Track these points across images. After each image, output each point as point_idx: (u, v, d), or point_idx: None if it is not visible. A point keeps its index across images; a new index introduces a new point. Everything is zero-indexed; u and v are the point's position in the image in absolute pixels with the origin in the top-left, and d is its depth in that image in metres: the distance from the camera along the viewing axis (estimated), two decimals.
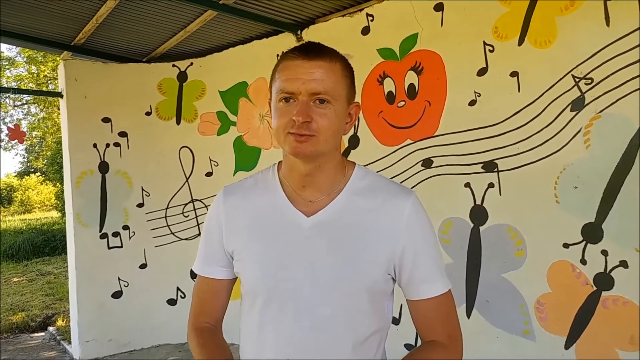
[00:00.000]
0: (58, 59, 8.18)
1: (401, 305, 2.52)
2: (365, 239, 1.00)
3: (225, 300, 1.15)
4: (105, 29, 3.50)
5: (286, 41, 3.48)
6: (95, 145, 3.96)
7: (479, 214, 2.61)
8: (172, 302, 4.10)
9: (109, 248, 4.00)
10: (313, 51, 0.97)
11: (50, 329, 5.06)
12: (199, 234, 4.01)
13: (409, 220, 1.01)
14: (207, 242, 1.13)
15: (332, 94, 0.96)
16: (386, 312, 1.07)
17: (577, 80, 2.23)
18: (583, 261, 2.24)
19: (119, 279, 4.02)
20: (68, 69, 3.89)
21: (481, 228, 2.61)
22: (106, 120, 4.01)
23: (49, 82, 12.75)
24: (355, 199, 1.03)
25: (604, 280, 2.18)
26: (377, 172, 3.09)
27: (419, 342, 1.07)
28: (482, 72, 2.56)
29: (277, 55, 3.57)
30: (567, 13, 2.24)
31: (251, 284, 1.05)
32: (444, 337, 1.03)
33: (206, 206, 4.05)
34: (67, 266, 4.12)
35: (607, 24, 2.12)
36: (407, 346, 2.79)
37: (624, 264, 2.12)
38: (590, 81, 2.19)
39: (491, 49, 2.51)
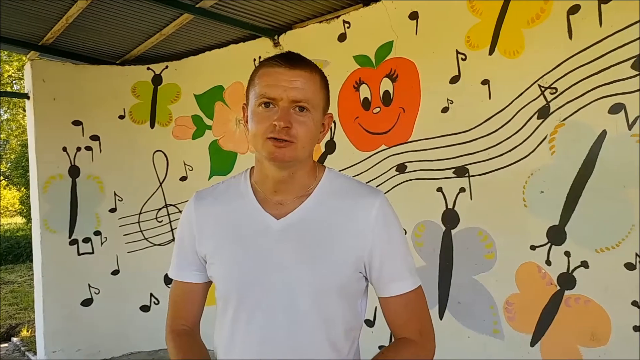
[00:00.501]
0: (24, 58, 7.95)
1: (375, 308, 2.56)
2: (335, 239, 1.03)
3: (201, 303, 1.17)
4: (75, 30, 3.43)
5: (263, 46, 3.51)
6: (65, 149, 3.87)
7: (450, 218, 2.69)
8: (145, 308, 4.03)
9: (79, 254, 3.91)
10: (295, 60, 1.00)
11: (14, 339, 4.88)
12: (173, 240, 3.98)
13: (377, 220, 1.04)
14: (180, 247, 1.15)
15: (312, 102, 0.99)
16: (359, 311, 1.10)
17: (542, 89, 2.33)
18: (548, 262, 2.34)
19: (89, 286, 3.92)
20: (35, 69, 3.79)
21: (453, 231, 2.69)
22: (77, 123, 3.92)
23: (13, 82, 12.35)
24: (324, 200, 1.06)
25: (566, 280, 2.28)
26: (353, 176, 3.15)
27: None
28: (454, 79, 2.64)
29: (254, 59, 3.60)
30: (533, 25, 2.35)
31: (224, 288, 1.06)
32: (416, 334, 1.06)
33: (180, 211, 4.00)
34: (32, 274, 4.01)
35: (570, 37, 2.22)
36: (382, 348, 2.84)
37: (585, 264, 2.22)
38: (554, 91, 2.29)
39: (463, 57, 2.60)
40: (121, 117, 4.05)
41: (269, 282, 1.01)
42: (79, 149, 3.92)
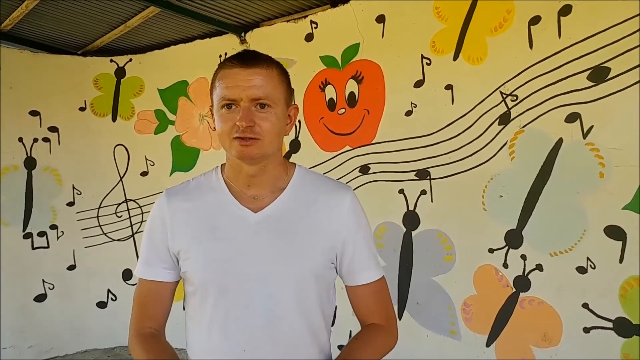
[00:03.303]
0: None
1: (335, 307, 2.57)
2: (309, 231, 1.07)
3: (169, 303, 1.15)
4: (35, 17, 3.30)
5: (229, 42, 3.46)
6: (21, 140, 3.72)
7: (411, 219, 2.72)
8: (102, 304, 3.92)
9: (33, 248, 3.76)
10: (250, 59, 1.02)
11: None
12: (132, 235, 3.89)
13: (349, 213, 1.10)
14: (150, 245, 1.12)
15: (272, 98, 1.01)
16: (331, 301, 1.15)
17: (504, 96, 2.38)
18: (505, 265, 2.39)
19: (43, 281, 3.78)
20: None
21: (413, 233, 2.72)
22: (34, 113, 3.77)
23: None
24: (299, 194, 1.10)
25: (522, 283, 2.34)
26: None
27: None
28: (419, 83, 2.67)
29: (220, 56, 3.55)
30: (496, 34, 2.40)
31: (201, 282, 1.06)
32: (382, 319, 1.12)
33: (140, 207, 3.92)
34: None
35: (531, 47, 2.28)
36: (341, 347, 2.85)
37: (539, 267, 2.28)
38: (515, 98, 2.34)
39: (428, 62, 2.64)
40: (82, 109, 3.93)
41: (248, 273, 1.03)
42: (35, 140, 3.78)
